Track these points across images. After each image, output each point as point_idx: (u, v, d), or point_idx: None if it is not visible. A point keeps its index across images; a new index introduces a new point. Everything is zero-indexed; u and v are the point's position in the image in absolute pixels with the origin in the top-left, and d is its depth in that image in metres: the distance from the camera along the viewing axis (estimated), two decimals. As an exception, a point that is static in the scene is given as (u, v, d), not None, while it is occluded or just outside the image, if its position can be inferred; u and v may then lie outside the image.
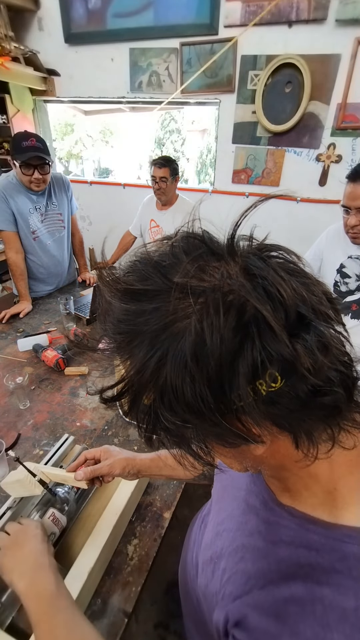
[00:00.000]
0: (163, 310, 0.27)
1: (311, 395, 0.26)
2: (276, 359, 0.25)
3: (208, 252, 0.29)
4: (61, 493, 0.74)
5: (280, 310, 0.25)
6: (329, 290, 0.30)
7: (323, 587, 0.29)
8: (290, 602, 0.30)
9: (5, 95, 2.74)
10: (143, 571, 0.72)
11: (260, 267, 0.27)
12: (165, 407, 0.28)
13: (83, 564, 0.64)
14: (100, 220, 3.40)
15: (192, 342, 0.25)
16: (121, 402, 0.31)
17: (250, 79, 2.34)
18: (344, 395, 0.27)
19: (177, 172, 2.07)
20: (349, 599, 0.28)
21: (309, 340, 0.25)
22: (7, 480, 0.72)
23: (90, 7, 2.51)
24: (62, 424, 1.08)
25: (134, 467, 0.67)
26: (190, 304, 0.26)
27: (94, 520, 0.74)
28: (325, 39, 2.10)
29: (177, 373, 0.26)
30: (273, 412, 0.27)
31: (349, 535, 0.31)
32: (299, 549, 0.33)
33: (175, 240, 0.31)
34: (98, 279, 0.32)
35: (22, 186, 1.65)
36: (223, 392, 0.26)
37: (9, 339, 1.51)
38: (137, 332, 0.28)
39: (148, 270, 0.29)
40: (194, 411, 0.27)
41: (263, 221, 2.51)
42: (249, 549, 0.37)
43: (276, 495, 0.38)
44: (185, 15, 2.31)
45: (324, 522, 0.33)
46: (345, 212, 1.19)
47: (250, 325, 0.25)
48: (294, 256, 0.30)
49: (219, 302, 0.25)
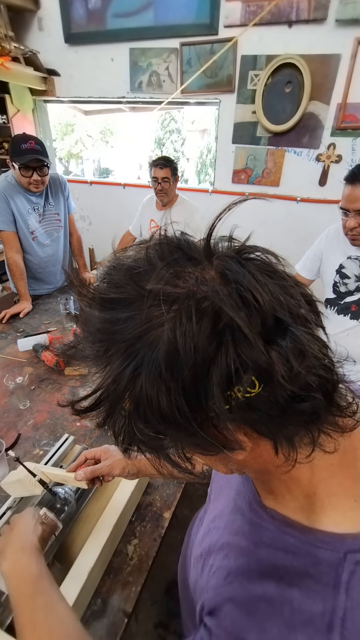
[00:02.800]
0: (137, 319, 0.26)
1: (290, 401, 0.26)
2: (252, 367, 0.24)
3: (184, 257, 0.28)
4: (61, 493, 0.74)
5: (255, 316, 0.25)
6: (309, 292, 0.30)
7: (294, 590, 0.30)
8: (262, 600, 0.31)
9: (5, 95, 2.74)
10: (143, 571, 0.72)
11: (236, 271, 0.26)
12: (141, 418, 0.27)
13: (83, 564, 0.64)
14: (100, 220, 3.40)
15: (166, 351, 0.25)
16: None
17: (250, 79, 2.34)
18: (322, 401, 0.27)
19: (177, 172, 2.08)
20: (317, 603, 0.29)
21: (284, 347, 0.25)
22: (7, 480, 0.73)
23: (90, 7, 2.51)
24: (62, 424, 1.08)
25: (133, 467, 0.67)
26: (163, 311, 0.26)
27: (94, 520, 0.74)
28: (325, 39, 2.10)
29: (152, 383, 0.25)
30: (252, 417, 0.27)
31: (323, 540, 0.31)
32: (277, 551, 0.33)
33: (150, 246, 0.30)
34: (71, 289, 0.32)
35: (20, 187, 1.67)
36: (199, 401, 0.25)
37: (9, 339, 1.51)
38: (112, 341, 0.27)
39: (121, 277, 0.29)
40: (170, 421, 0.26)
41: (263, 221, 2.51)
42: (232, 547, 0.38)
43: (261, 497, 0.39)
44: (185, 15, 2.31)
45: (301, 526, 0.33)
46: (344, 214, 1.19)
47: (225, 332, 0.24)
48: (273, 257, 0.30)
49: (192, 309, 0.25)
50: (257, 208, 2.66)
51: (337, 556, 0.30)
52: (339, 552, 0.30)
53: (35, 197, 1.72)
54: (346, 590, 0.28)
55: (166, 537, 0.79)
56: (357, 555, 0.29)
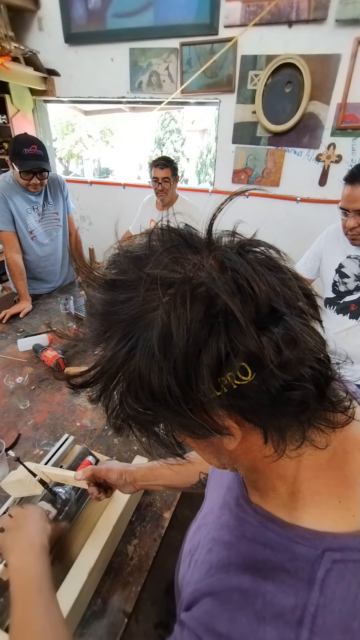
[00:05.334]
0: (135, 301, 0.27)
1: (281, 390, 0.26)
2: (242, 352, 0.25)
3: (184, 245, 0.29)
4: (61, 493, 0.74)
5: (250, 303, 0.25)
6: (308, 287, 0.30)
7: (268, 583, 0.30)
8: (236, 591, 0.31)
9: (5, 95, 2.74)
10: (143, 571, 0.72)
11: (234, 260, 0.27)
12: (132, 395, 0.28)
13: (83, 564, 0.64)
14: (100, 220, 3.40)
15: (159, 332, 0.26)
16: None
17: (250, 79, 2.34)
18: (313, 391, 0.27)
19: (177, 172, 2.08)
20: (289, 597, 0.29)
21: (275, 333, 0.25)
22: (7, 480, 0.73)
23: (90, 7, 2.51)
24: (62, 424, 1.08)
25: (130, 475, 0.68)
26: (160, 295, 0.26)
27: (94, 520, 0.74)
28: (325, 39, 2.10)
29: (146, 363, 0.26)
30: (243, 405, 0.27)
31: (301, 536, 0.31)
32: (257, 545, 0.34)
33: (153, 234, 0.31)
34: (76, 274, 0.33)
35: (19, 187, 1.67)
36: (189, 382, 0.26)
37: (9, 339, 1.51)
38: (111, 321, 0.28)
39: (123, 262, 0.30)
40: (160, 400, 0.27)
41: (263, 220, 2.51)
42: (217, 541, 0.38)
43: (248, 493, 0.39)
44: (185, 15, 2.31)
45: (282, 521, 0.33)
46: (344, 214, 1.19)
47: (218, 317, 0.25)
48: (275, 252, 0.30)
49: (187, 293, 0.26)
50: (257, 208, 2.66)
51: (315, 553, 0.30)
52: (317, 549, 0.30)
53: (34, 197, 1.73)
54: (320, 587, 0.28)
55: (166, 537, 0.79)
56: (336, 554, 0.29)
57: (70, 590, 0.61)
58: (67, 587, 0.61)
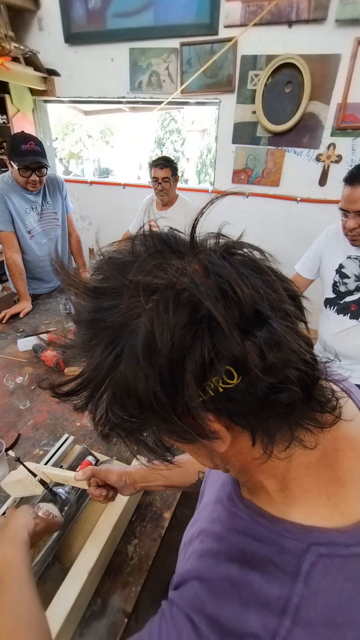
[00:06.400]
0: (119, 308, 0.27)
1: (268, 392, 0.26)
2: (226, 357, 0.25)
3: (168, 250, 0.29)
4: (61, 493, 0.74)
5: (233, 307, 0.25)
6: (293, 288, 0.30)
7: (255, 573, 0.31)
8: (225, 580, 0.32)
9: (5, 95, 2.74)
10: (143, 571, 0.72)
11: (218, 264, 0.27)
12: (118, 402, 0.28)
13: (83, 564, 0.64)
14: (100, 220, 3.40)
15: (143, 339, 0.26)
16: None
17: (250, 79, 2.34)
18: (299, 393, 0.28)
19: (177, 172, 2.08)
20: (274, 588, 0.29)
21: (258, 337, 0.26)
22: (7, 480, 0.73)
23: (90, 7, 2.51)
24: (62, 424, 1.08)
25: (129, 477, 0.68)
26: (145, 301, 0.26)
27: (94, 520, 0.74)
28: (325, 39, 2.10)
29: (132, 370, 0.26)
30: (231, 408, 0.27)
31: (289, 530, 0.32)
32: (246, 538, 0.34)
33: (137, 239, 0.31)
34: (58, 279, 0.33)
35: (17, 186, 1.67)
36: (175, 389, 0.26)
37: (9, 339, 1.51)
38: (97, 329, 0.28)
39: (107, 268, 0.30)
40: (147, 407, 0.27)
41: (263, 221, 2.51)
42: (208, 533, 0.39)
43: (241, 490, 0.40)
44: (185, 15, 2.31)
45: (272, 516, 0.34)
46: (344, 215, 1.19)
47: (202, 322, 0.25)
48: (259, 253, 0.30)
49: (170, 299, 0.26)
50: (257, 208, 2.66)
51: (301, 546, 0.30)
52: (304, 543, 0.30)
53: (33, 196, 1.73)
54: (305, 580, 0.29)
55: (166, 537, 0.79)
56: (322, 549, 0.30)
57: (70, 590, 0.61)
58: (67, 587, 0.61)
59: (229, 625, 0.29)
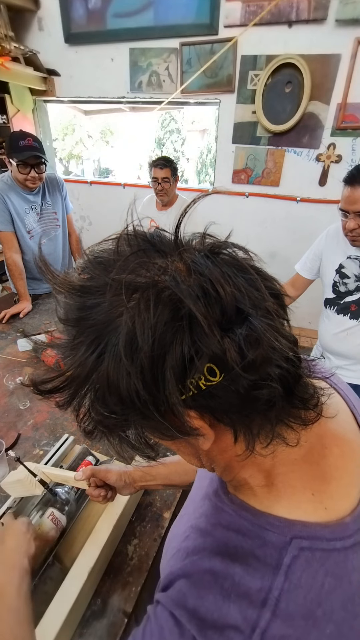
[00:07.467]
0: (103, 306, 0.28)
1: (249, 389, 0.27)
2: (206, 354, 0.25)
3: (152, 249, 0.29)
4: (61, 493, 0.74)
5: (214, 305, 0.26)
6: (276, 286, 0.31)
7: (236, 566, 0.31)
8: (207, 573, 0.32)
9: (5, 95, 2.74)
10: (143, 571, 0.72)
11: (200, 263, 0.27)
12: (100, 400, 0.29)
13: (83, 564, 0.64)
14: (100, 220, 3.40)
15: (125, 337, 0.26)
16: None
17: (250, 79, 2.34)
18: (280, 390, 0.28)
19: (177, 172, 2.08)
20: (256, 580, 0.30)
21: (237, 334, 0.26)
22: (7, 480, 0.73)
23: (90, 7, 2.51)
24: (62, 424, 1.08)
25: (129, 476, 0.68)
26: (127, 299, 0.27)
27: (94, 520, 0.74)
28: (325, 39, 2.10)
29: (114, 368, 0.27)
30: (213, 405, 0.28)
31: (272, 523, 0.32)
32: (230, 532, 0.34)
33: (122, 238, 0.31)
34: (43, 278, 0.33)
35: (17, 186, 1.68)
36: (157, 386, 0.26)
37: (9, 339, 1.51)
38: (81, 327, 0.29)
39: (91, 267, 0.30)
40: (129, 405, 0.27)
41: (263, 221, 2.51)
42: (194, 529, 0.39)
43: (227, 485, 0.40)
44: (185, 15, 2.31)
45: (255, 510, 0.34)
46: (344, 215, 1.19)
47: (183, 320, 0.25)
48: (243, 252, 0.31)
49: (150, 298, 0.26)
50: (257, 208, 2.66)
51: (283, 540, 0.31)
52: (286, 536, 0.31)
53: (33, 196, 1.73)
54: (286, 573, 0.29)
55: (166, 537, 0.79)
56: (303, 542, 0.30)
57: (70, 590, 0.61)
58: (67, 587, 0.61)
59: (209, 617, 0.29)
